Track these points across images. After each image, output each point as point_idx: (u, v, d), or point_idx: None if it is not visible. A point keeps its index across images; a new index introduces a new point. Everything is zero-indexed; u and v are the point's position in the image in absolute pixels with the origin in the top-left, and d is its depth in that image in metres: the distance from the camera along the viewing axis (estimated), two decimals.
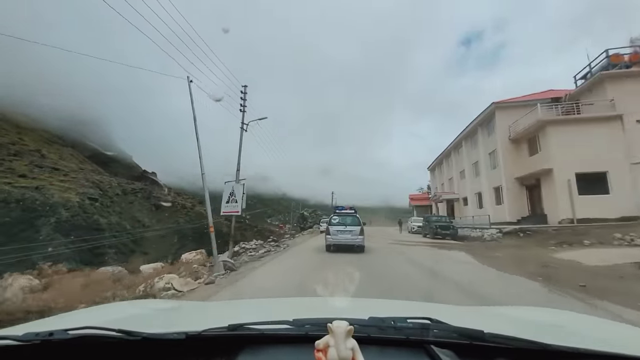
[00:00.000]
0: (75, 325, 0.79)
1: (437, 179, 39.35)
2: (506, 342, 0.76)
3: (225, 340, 0.82)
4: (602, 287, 5.59)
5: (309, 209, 61.96)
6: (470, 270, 7.92)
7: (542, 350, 0.74)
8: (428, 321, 0.88)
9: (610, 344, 0.87)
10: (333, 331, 0.69)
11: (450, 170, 33.00)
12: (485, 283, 6.26)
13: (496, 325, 1.14)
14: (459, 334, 0.80)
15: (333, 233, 12.54)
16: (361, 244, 12.44)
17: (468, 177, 27.14)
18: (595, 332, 1.12)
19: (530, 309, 1.62)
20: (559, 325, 1.20)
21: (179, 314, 1.46)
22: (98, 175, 28.89)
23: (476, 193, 25.61)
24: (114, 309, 1.61)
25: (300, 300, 2.09)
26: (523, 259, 9.62)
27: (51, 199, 21.62)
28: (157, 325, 1.11)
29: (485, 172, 23.68)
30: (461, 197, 29.38)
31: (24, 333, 0.77)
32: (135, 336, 0.77)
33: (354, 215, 13.36)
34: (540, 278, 6.46)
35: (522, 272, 7.27)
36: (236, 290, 6.00)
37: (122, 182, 30.71)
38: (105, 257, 21.33)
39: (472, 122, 25.13)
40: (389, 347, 0.81)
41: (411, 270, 7.81)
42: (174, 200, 32.68)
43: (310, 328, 0.83)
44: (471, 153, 26.62)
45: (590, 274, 6.84)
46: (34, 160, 26.18)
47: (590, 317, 1.40)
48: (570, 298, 4.99)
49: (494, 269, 7.93)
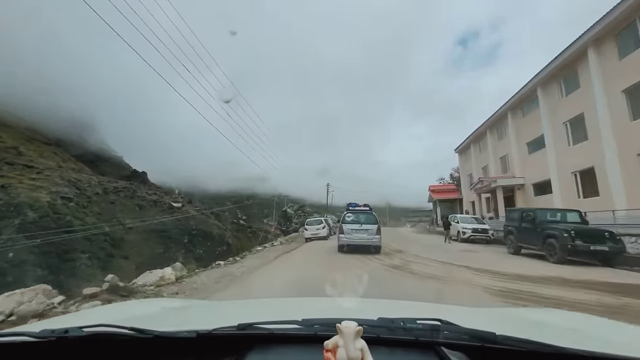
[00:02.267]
0: (90, 323, 0.82)
1: (472, 162, 27.98)
2: (519, 344, 0.74)
3: (235, 339, 0.83)
4: None
5: (294, 205, 49.48)
6: None
7: (557, 354, 0.71)
8: (438, 322, 0.86)
9: (629, 349, 0.85)
10: (342, 331, 0.69)
11: (502, 144, 22.54)
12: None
13: (508, 327, 1.14)
14: (470, 336, 0.78)
15: (347, 232, 11.51)
16: (378, 244, 11.39)
17: (555, 147, 16.67)
18: (614, 336, 1.08)
19: (544, 311, 1.78)
20: (576, 328, 1.17)
21: (189, 313, 1.48)
22: (77, 174, 26.88)
23: (579, 171, 15.13)
24: (126, 307, 1.64)
25: (309, 300, 2.08)
26: None
27: (17, 199, 19.59)
28: (168, 323, 1.15)
29: (609, 128, 13.05)
30: (531, 181, 19.06)
31: (40, 330, 0.80)
32: (148, 334, 0.79)
33: (370, 213, 12.17)
34: None
35: None
36: None
37: (103, 181, 28.67)
38: (76, 262, 19.27)
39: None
40: (398, 348, 0.81)
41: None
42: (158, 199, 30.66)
43: (319, 328, 0.83)
44: (562, 104, 16.16)
45: None
46: (5, 157, 24.19)
47: (610, 321, 1.32)
48: None
49: None
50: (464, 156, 30.76)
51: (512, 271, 8.03)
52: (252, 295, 5.80)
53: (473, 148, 28.23)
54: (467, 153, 29.58)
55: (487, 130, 24.84)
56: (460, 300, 5.19)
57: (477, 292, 5.78)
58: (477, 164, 27.48)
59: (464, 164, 31.19)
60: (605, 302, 5.14)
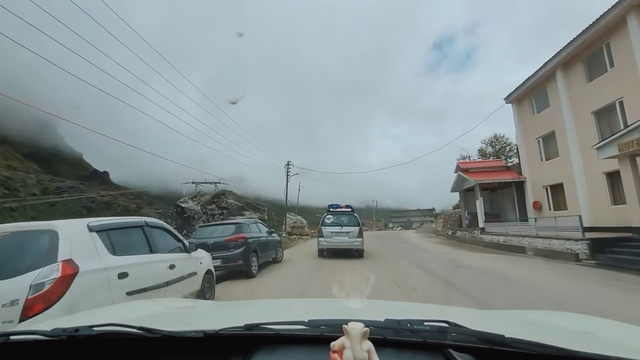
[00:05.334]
0: (99, 322, 0.83)
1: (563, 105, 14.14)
2: (529, 347, 0.72)
3: (242, 339, 0.83)
4: None
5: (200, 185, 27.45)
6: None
7: (568, 357, 0.69)
8: (446, 324, 0.85)
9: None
10: (349, 332, 0.68)
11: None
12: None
13: (518, 329, 1.13)
14: (478, 338, 0.77)
15: (327, 235, 10.94)
16: (360, 247, 10.95)
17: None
18: (628, 340, 1.05)
19: (555, 314, 1.58)
20: (588, 331, 1.14)
21: (196, 313, 1.50)
22: (8, 171, 23.64)
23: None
24: (135, 307, 1.64)
25: (316, 301, 2.13)
26: None
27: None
28: (176, 323, 1.15)
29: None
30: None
31: (52, 329, 0.82)
32: (156, 333, 0.79)
33: (351, 214, 11.57)
34: None
35: None
36: None
37: (44, 180, 25.54)
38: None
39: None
40: (405, 349, 0.79)
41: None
42: (110, 201, 27.75)
43: (325, 329, 0.82)
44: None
45: None
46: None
47: (623, 324, 1.24)
48: None
49: None
50: (529, 105, 16.80)
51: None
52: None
53: (565, 77, 14.08)
54: (542, 94, 15.71)
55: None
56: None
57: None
58: (563, 112, 14.04)
59: (530, 120, 16.73)
60: None
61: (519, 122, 17.84)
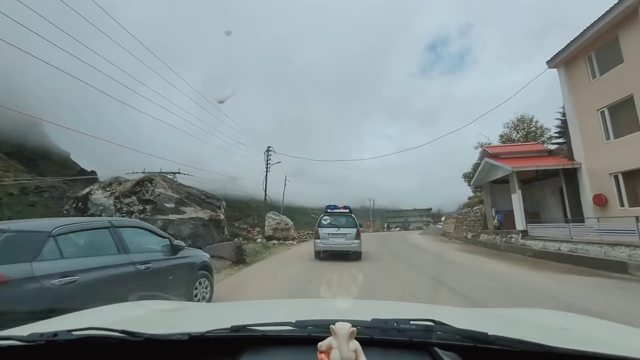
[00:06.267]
0: (80, 325, 0.79)
1: (618, 73, 11.17)
2: (511, 344, 0.74)
3: (228, 342, 0.81)
4: None
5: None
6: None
7: (548, 353, 0.71)
8: (431, 323, 0.86)
9: (617, 347, 0.88)
10: (336, 333, 0.68)
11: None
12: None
13: (500, 327, 1.14)
14: (462, 336, 0.78)
15: (323, 237, 10.77)
16: (357, 249, 10.68)
17: None
18: (602, 335, 1.10)
19: (535, 311, 1.70)
20: (566, 327, 1.18)
21: (182, 315, 1.46)
22: None
23: None
24: (118, 309, 1.56)
25: (303, 301, 2.16)
26: None
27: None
28: (161, 326, 1.13)
29: None
30: None
31: (28, 333, 0.77)
32: (139, 337, 0.76)
33: (349, 215, 11.39)
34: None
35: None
36: None
37: (21, 179, 23.94)
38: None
39: None
40: (391, 348, 0.80)
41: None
42: None
43: (313, 329, 0.82)
44: None
45: None
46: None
47: (598, 320, 1.35)
48: None
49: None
50: (586, 65, 12.76)
51: None
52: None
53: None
54: (609, 47, 11.66)
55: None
56: None
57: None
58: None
59: (588, 87, 12.73)
60: None
61: (570, 91, 13.38)
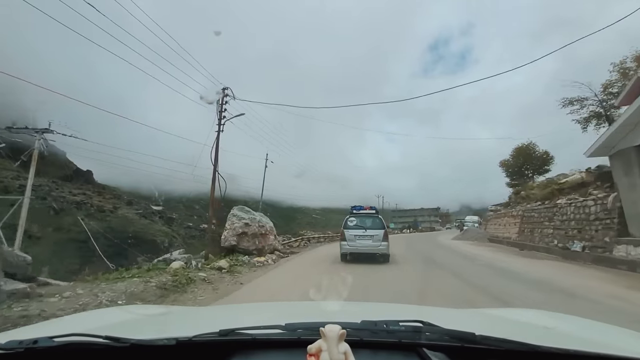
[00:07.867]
0: (62, 332, 0.77)
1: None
2: (497, 344, 0.75)
3: (217, 346, 0.80)
4: None
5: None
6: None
7: (532, 351, 0.73)
8: (420, 324, 0.86)
9: (599, 345, 0.89)
10: (325, 335, 0.68)
11: None
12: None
13: (487, 327, 1.17)
14: (450, 337, 0.79)
15: (349, 238, 10.47)
16: (385, 251, 10.30)
17: None
18: (585, 334, 1.14)
19: (521, 311, 1.77)
20: (550, 326, 1.20)
21: (169, 319, 1.42)
22: None
23: None
24: (102, 315, 1.53)
25: (293, 304, 2.14)
26: None
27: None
28: (147, 331, 1.10)
29: None
30: None
31: (6, 341, 0.75)
32: (124, 343, 0.74)
33: (376, 217, 11.02)
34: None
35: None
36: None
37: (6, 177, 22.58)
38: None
39: None
40: (381, 350, 0.80)
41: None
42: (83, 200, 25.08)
43: (302, 332, 0.81)
44: None
45: None
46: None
47: (581, 319, 1.39)
48: None
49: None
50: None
51: None
52: None
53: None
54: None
55: None
56: None
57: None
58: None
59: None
60: None
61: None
